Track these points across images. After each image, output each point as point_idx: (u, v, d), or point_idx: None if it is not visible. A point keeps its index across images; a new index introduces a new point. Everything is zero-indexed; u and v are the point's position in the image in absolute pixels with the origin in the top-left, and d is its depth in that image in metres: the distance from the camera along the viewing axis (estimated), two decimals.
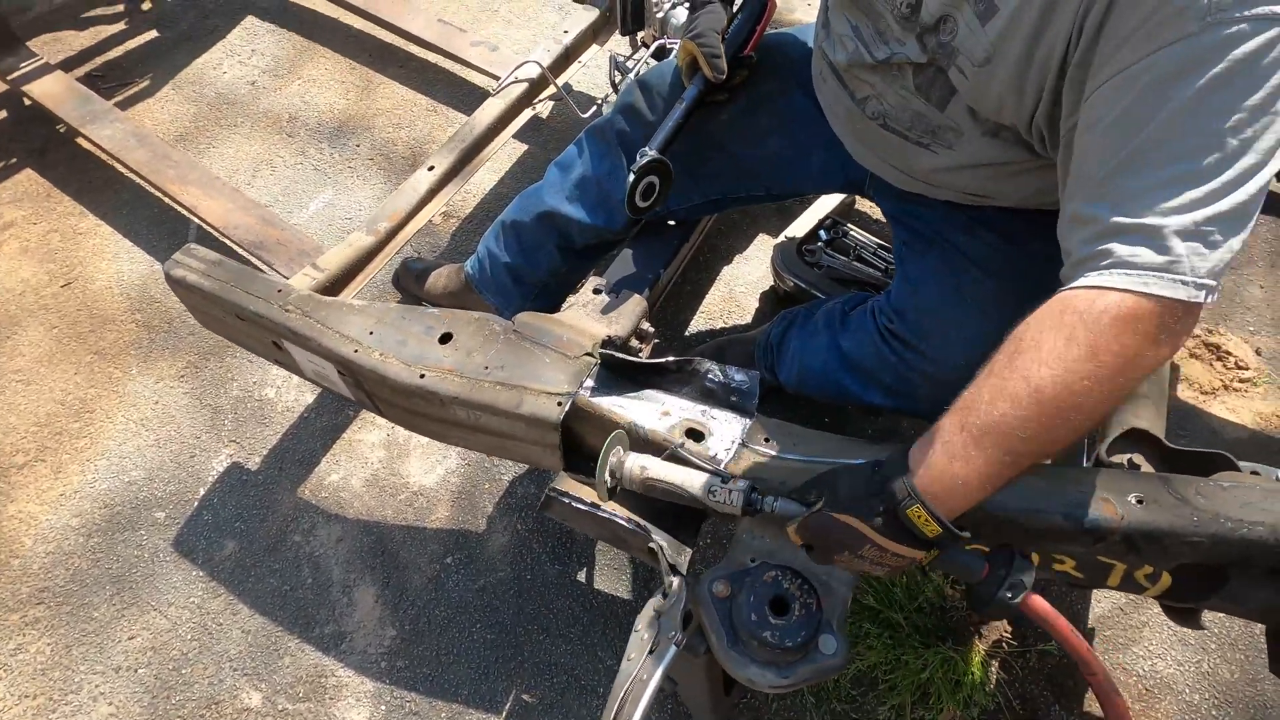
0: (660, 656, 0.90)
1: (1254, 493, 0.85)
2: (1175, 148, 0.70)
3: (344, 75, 2.36)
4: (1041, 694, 1.29)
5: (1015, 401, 0.74)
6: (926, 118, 1.00)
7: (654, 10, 1.79)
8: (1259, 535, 0.82)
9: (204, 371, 1.74)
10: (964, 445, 0.77)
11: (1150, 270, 0.71)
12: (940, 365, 1.05)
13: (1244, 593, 0.89)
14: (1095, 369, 0.71)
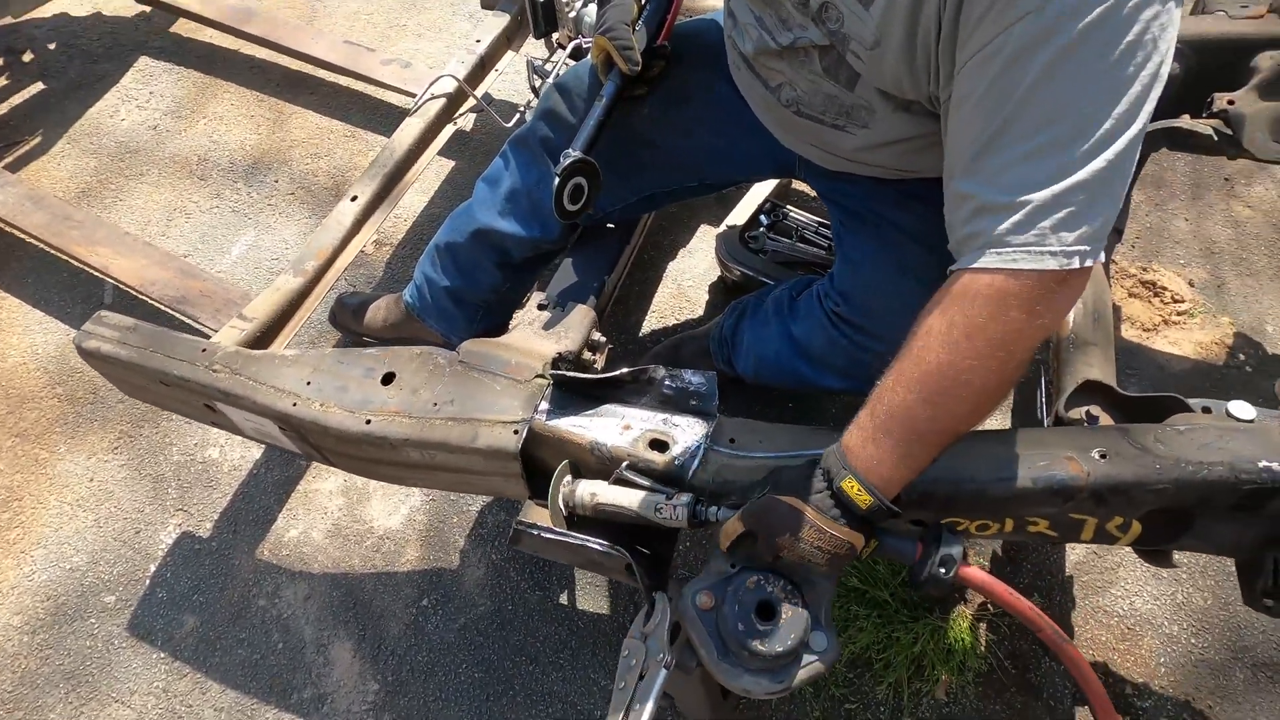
0: (651, 681, 0.87)
1: (1209, 433, 0.86)
2: (1033, 121, 0.72)
3: (252, 109, 2.26)
4: (1030, 649, 1.31)
5: (910, 387, 0.78)
6: (839, 99, 0.99)
7: (565, 10, 1.75)
8: (1219, 475, 0.84)
9: (139, 440, 1.64)
10: (874, 430, 0.80)
11: (1018, 247, 0.72)
12: (891, 344, 1.04)
13: (1210, 531, 0.91)
14: (976, 348, 0.74)
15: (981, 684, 1.28)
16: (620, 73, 1.18)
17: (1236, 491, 0.83)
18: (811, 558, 0.82)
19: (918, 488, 0.93)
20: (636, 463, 1.01)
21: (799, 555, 0.82)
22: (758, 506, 0.85)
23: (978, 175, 0.75)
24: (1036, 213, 0.71)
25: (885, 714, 1.27)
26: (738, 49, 1.09)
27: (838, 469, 0.81)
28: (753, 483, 0.98)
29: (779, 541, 0.82)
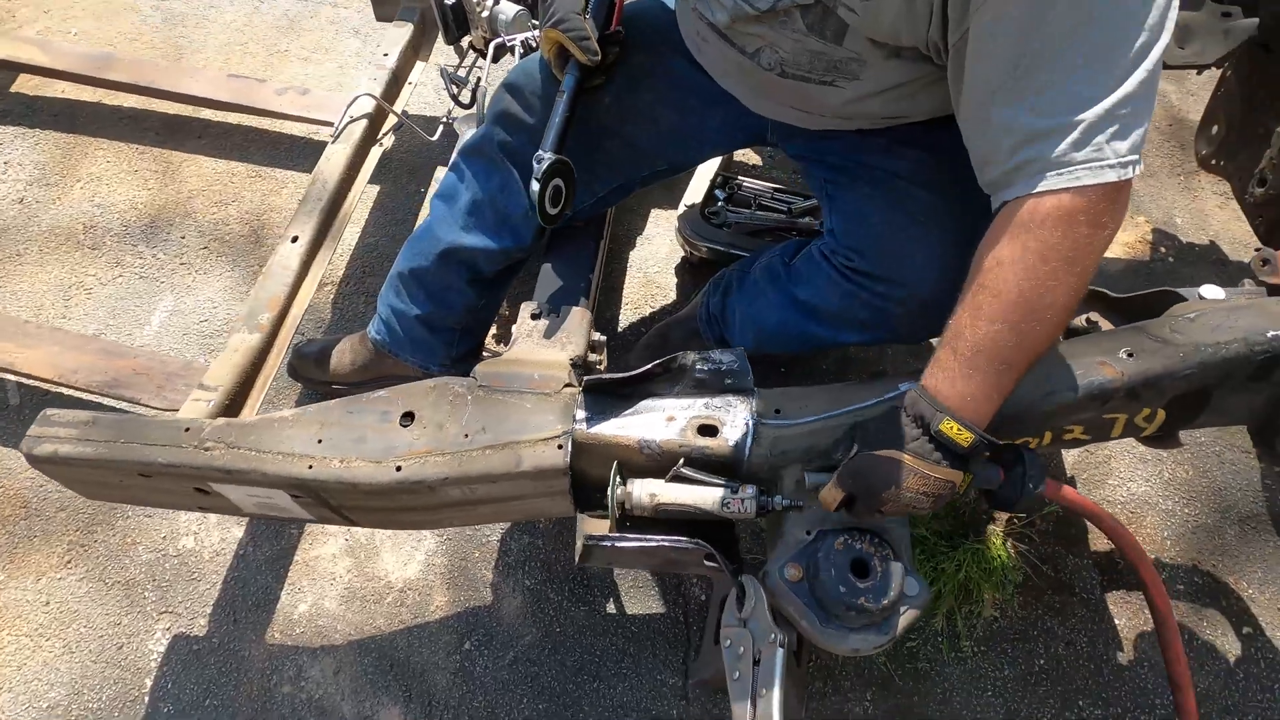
0: (771, 663, 0.86)
1: (1218, 315, 0.94)
2: (1072, 42, 0.74)
3: (134, 163, 2.04)
4: (1056, 551, 1.39)
5: (992, 319, 0.80)
6: (826, 55, 0.99)
7: (478, 10, 1.68)
8: (1235, 351, 0.91)
9: (94, 548, 1.46)
10: (961, 368, 0.82)
11: (1080, 165, 0.76)
12: (914, 287, 1.07)
13: (1225, 405, 0.99)
14: (1054, 269, 0.77)
15: (1021, 593, 1.35)
16: (578, 65, 1.15)
17: (1251, 363, 0.91)
18: (917, 505, 0.82)
19: None
20: (692, 454, 0.99)
21: (903, 505, 0.83)
22: (854, 467, 0.85)
23: (1020, 101, 0.77)
24: (1091, 129, 0.74)
25: (944, 642, 1.31)
26: (705, 20, 1.08)
27: (931, 412, 0.82)
28: (809, 448, 0.99)
29: (882, 496, 0.82)
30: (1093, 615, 1.34)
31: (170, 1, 2.46)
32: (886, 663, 1.30)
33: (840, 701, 1.27)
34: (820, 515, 0.96)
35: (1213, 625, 1.33)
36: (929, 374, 0.84)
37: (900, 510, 0.84)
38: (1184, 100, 2.17)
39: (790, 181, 1.84)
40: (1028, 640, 1.32)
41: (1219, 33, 1.37)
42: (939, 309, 1.10)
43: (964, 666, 1.30)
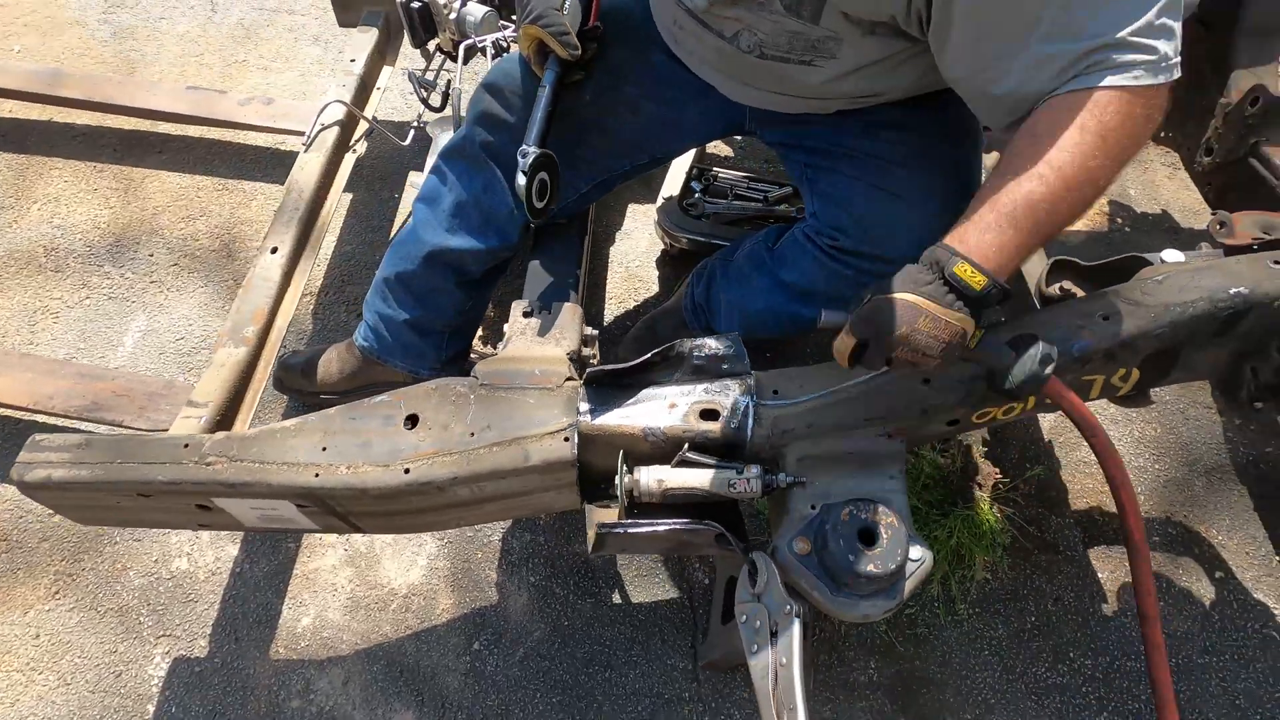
0: (789, 635, 0.89)
1: (1183, 277, 0.99)
2: None
3: (93, 182, 1.98)
4: (1040, 513, 1.45)
5: (1041, 181, 0.83)
6: (804, 34, 1.02)
7: (445, 13, 1.67)
8: (1201, 309, 0.97)
9: (83, 575, 1.42)
10: (997, 221, 0.85)
11: (1136, 68, 0.82)
12: (898, 262, 1.10)
13: (1192, 360, 1.05)
14: (1106, 150, 0.83)
15: (1010, 555, 1.40)
16: (559, 60, 1.16)
17: (1216, 320, 0.97)
18: (928, 350, 0.84)
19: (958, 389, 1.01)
20: (695, 438, 1.02)
21: (914, 348, 0.84)
22: (866, 311, 0.87)
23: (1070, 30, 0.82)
24: (1145, 39, 0.81)
25: (941, 608, 1.36)
26: (682, 7, 1.10)
27: (947, 257, 0.85)
28: (810, 425, 1.02)
29: (892, 339, 0.84)
30: (1078, 571, 1.40)
31: (118, 15, 2.40)
32: (887, 630, 1.34)
33: (845, 671, 1.31)
34: (825, 490, 0.99)
35: (1187, 572, 1.41)
36: (954, 230, 0.87)
37: (912, 356, 0.85)
38: None
39: (764, 170, 1.88)
40: (1019, 599, 1.37)
41: None
42: None
43: (961, 629, 1.35)
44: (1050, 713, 1.28)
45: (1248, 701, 1.28)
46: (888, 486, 1.00)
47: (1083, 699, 1.29)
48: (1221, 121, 1.51)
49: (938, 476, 1.41)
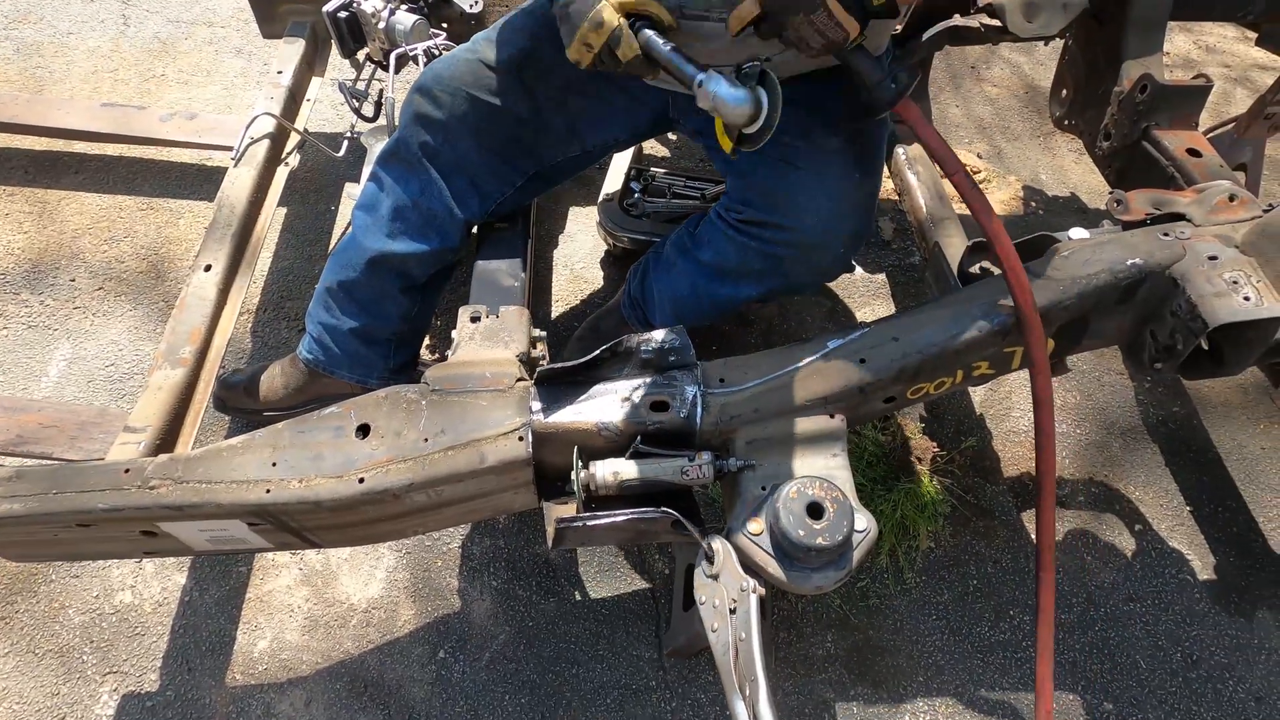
0: (746, 611, 0.93)
1: (1086, 250, 1.08)
2: None
3: (3, 206, 1.89)
4: (976, 482, 1.54)
5: None
6: None
7: (374, 22, 1.66)
8: (1104, 280, 1.05)
9: (17, 618, 1.36)
10: None
11: None
12: (798, 229, 1.17)
13: (1101, 328, 1.13)
14: None
15: (950, 524, 1.48)
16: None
17: (1117, 289, 1.05)
18: (810, 41, 0.91)
19: (892, 367, 1.07)
20: (648, 430, 1.04)
21: (800, 36, 0.91)
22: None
23: None
24: None
25: (890, 578, 1.43)
26: None
27: None
28: (756, 410, 1.06)
29: (792, 20, 0.90)
30: (1012, 535, 1.49)
31: (20, 30, 2.29)
32: (842, 604, 1.40)
33: (805, 646, 1.36)
34: (773, 471, 1.04)
35: (1110, 528, 1.51)
36: None
37: (794, 41, 0.93)
38: (1035, 69, 2.41)
39: (699, 169, 1.92)
40: (960, 565, 1.45)
41: (1059, 7, 1.54)
42: (823, 249, 1.21)
43: (909, 597, 1.41)
44: (995, 668, 1.35)
45: (1169, 641, 1.39)
46: (832, 464, 1.05)
47: (1024, 653, 1.37)
48: (1116, 108, 1.63)
49: (880, 454, 1.48)
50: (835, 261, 1.27)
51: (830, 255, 1.25)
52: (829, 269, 1.32)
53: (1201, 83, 1.57)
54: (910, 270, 1.86)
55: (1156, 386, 1.71)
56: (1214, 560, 1.47)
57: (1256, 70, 2.49)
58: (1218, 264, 1.01)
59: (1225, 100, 2.37)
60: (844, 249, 1.25)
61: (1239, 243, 1.04)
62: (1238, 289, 0.97)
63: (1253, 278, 0.98)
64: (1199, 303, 0.98)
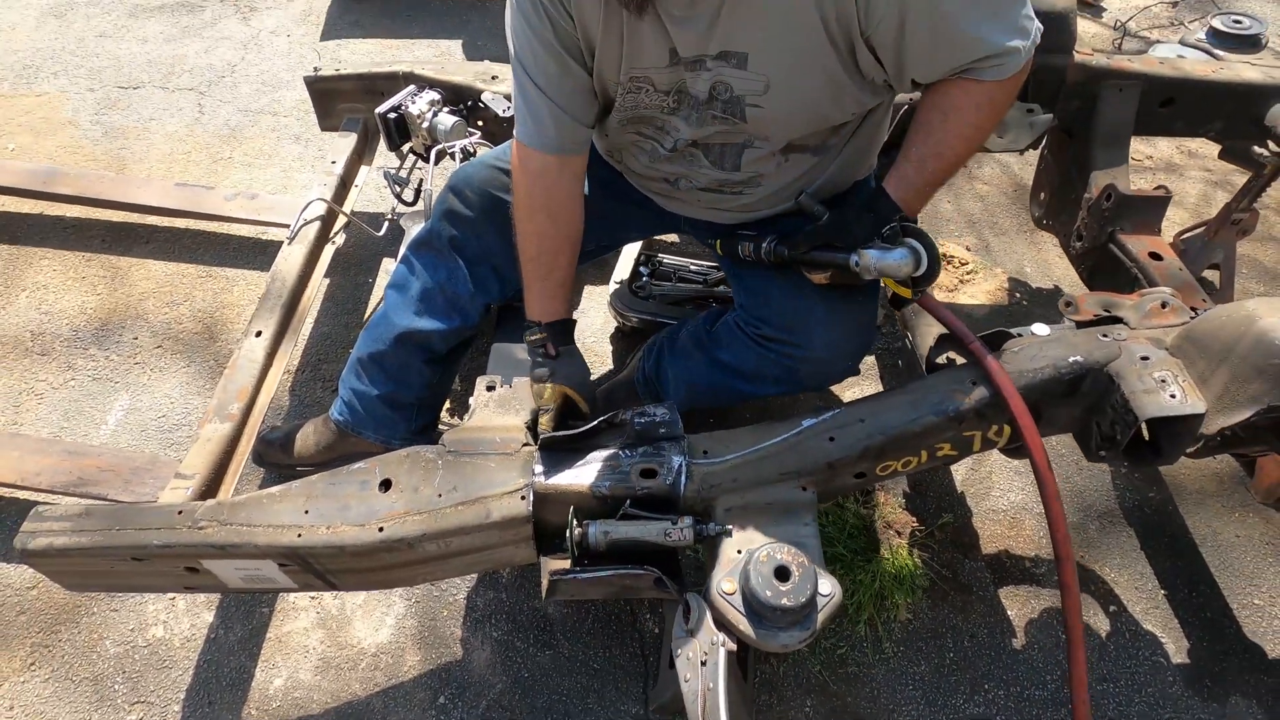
0: (715, 663, 1.02)
1: (1034, 347, 1.20)
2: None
3: (81, 271, 2.12)
4: (954, 556, 1.62)
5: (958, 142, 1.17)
6: (730, 179, 1.28)
7: (418, 122, 1.89)
8: (1048, 374, 1.17)
9: (59, 646, 1.48)
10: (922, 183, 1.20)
11: (1017, 64, 1.10)
12: (810, 349, 1.31)
13: (1054, 416, 1.24)
14: (993, 120, 1.17)
15: (930, 597, 1.55)
16: None
17: (1062, 382, 1.17)
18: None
19: (857, 446, 1.19)
20: (637, 495, 1.17)
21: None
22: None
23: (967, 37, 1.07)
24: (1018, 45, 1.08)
25: (869, 647, 1.50)
26: (635, 172, 1.36)
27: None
28: (734, 480, 1.18)
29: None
30: (990, 610, 1.55)
31: (110, 116, 2.59)
32: (822, 670, 1.47)
33: (784, 709, 1.42)
34: (748, 536, 1.15)
35: (1086, 607, 1.57)
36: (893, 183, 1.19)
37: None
38: (1024, 170, 2.59)
39: (705, 254, 2.10)
40: (938, 637, 1.52)
41: (1026, 125, 1.72)
42: (832, 363, 1.36)
43: (887, 666, 1.48)
44: None
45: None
46: (803, 532, 1.16)
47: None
48: (1086, 214, 1.79)
49: (861, 526, 1.58)
50: (843, 371, 1.42)
51: (839, 367, 1.40)
52: (837, 377, 1.48)
53: (1161, 194, 1.72)
54: (898, 353, 1.99)
55: (1133, 473, 1.78)
56: (1188, 644, 1.52)
57: (1237, 174, 2.64)
58: (1149, 364, 1.12)
59: (1205, 202, 2.51)
60: (850, 361, 1.40)
61: (1168, 345, 1.16)
62: (1165, 387, 1.09)
63: (1179, 377, 1.10)
64: (1131, 398, 1.09)
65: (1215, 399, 1.06)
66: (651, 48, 1.13)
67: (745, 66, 1.11)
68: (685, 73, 1.14)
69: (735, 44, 1.09)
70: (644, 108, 1.22)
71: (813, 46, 1.08)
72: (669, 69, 1.15)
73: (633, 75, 1.17)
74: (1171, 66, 1.83)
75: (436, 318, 1.50)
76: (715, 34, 1.08)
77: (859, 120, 1.28)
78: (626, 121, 1.26)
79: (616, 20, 1.11)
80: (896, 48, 1.09)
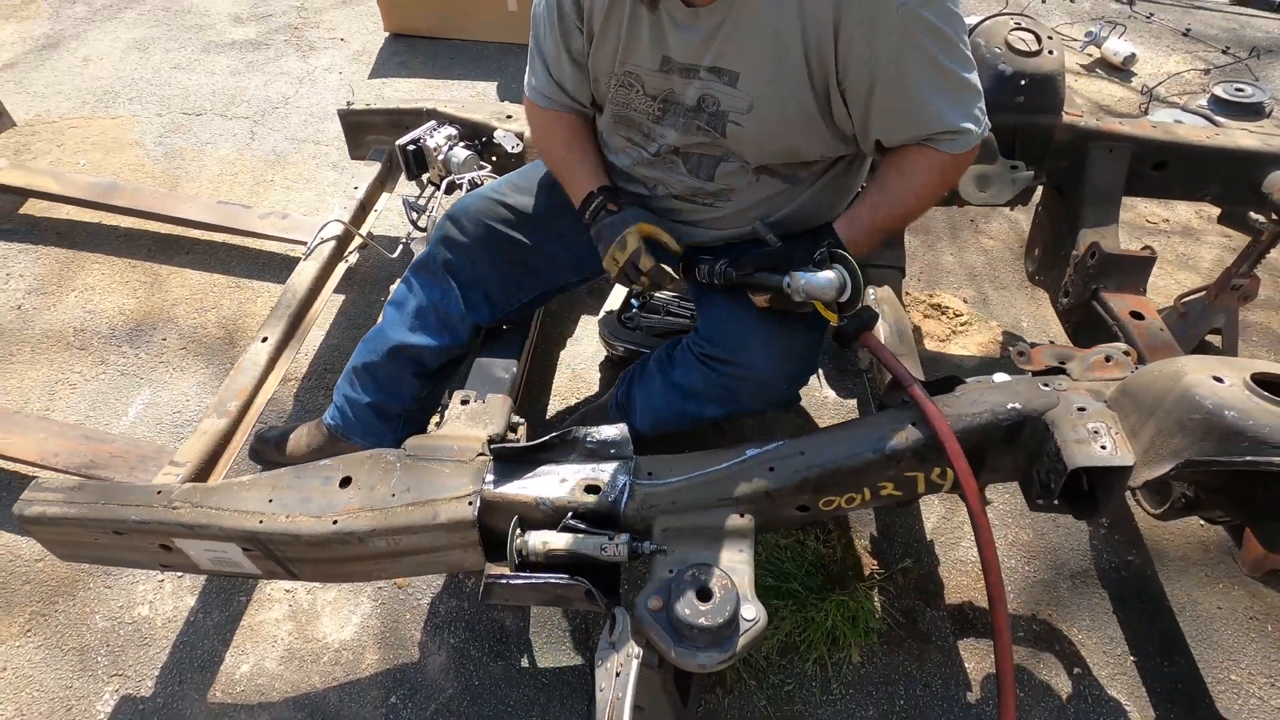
0: (626, 674, 1.06)
1: (975, 392, 1.22)
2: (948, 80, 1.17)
3: (125, 276, 2.31)
4: (915, 604, 1.60)
5: (910, 197, 1.27)
6: (704, 188, 1.37)
7: (435, 154, 2.04)
8: (985, 419, 1.19)
9: (55, 616, 1.59)
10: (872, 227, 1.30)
11: (968, 144, 1.21)
12: (749, 368, 1.36)
13: (997, 463, 1.25)
14: (942, 187, 1.28)
15: (885, 642, 1.54)
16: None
17: (1000, 429, 1.19)
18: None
19: (795, 478, 1.22)
20: (577, 508, 1.22)
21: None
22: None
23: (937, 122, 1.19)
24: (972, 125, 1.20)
25: (816, 686, 1.49)
26: (620, 170, 1.45)
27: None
28: (673, 503, 1.22)
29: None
30: (946, 661, 1.53)
31: (172, 138, 2.84)
32: (767, 705, 1.47)
33: None
34: (682, 557, 1.18)
35: (1048, 667, 1.53)
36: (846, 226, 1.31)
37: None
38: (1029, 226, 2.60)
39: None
40: (890, 683, 1.50)
41: (1008, 181, 1.75)
42: (769, 385, 1.40)
43: (834, 708, 1.47)
44: None
45: None
46: (737, 558, 1.19)
47: None
48: (1073, 270, 1.80)
49: (819, 564, 1.58)
50: (780, 395, 1.46)
51: (775, 390, 1.45)
52: (776, 400, 1.51)
53: (1146, 254, 1.72)
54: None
55: (1113, 533, 1.75)
56: (1154, 714, 1.47)
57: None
58: (1085, 414, 1.13)
59: (1220, 267, 2.47)
60: (786, 386, 1.44)
61: (1107, 398, 1.17)
62: (1097, 438, 1.10)
63: (1112, 429, 1.10)
64: (1063, 447, 1.10)
65: (1142, 452, 1.06)
66: (646, 47, 1.25)
67: (735, 85, 1.22)
68: (676, 79, 1.25)
69: (728, 62, 1.21)
70: (633, 109, 1.33)
71: (795, 82, 1.19)
72: (659, 74, 1.26)
73: (626, 70, 1.29)
74: (1164, 130, 1.85)
75: (429, 335, 1.60)
76: (711, 48, 1.20)
77: (828, 164, 1.36)
78: (617, 120, 1.38)
79: (619, 12, 1.24)
80: (865, 106, 1.20)
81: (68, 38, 3.38)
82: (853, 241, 1.27)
